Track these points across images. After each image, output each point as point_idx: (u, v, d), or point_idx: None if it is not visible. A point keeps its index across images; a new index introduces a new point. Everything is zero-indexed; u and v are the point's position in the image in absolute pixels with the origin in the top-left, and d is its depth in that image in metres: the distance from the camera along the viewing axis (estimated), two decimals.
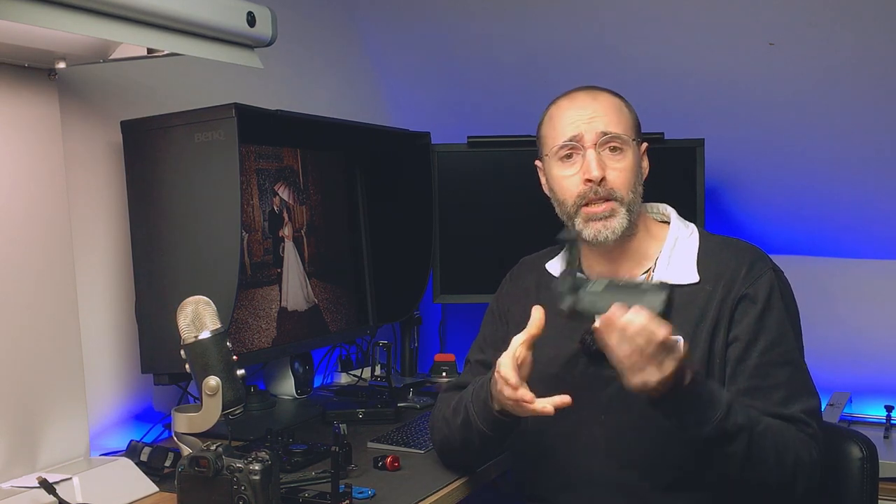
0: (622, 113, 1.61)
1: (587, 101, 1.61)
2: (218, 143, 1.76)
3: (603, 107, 1.60)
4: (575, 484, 1.60)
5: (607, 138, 1.57)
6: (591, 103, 1.60)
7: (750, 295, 1.55)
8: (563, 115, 1.62)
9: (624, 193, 1.57)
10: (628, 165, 1.58)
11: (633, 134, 1.61)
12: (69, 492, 1.50)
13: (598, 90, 1.64)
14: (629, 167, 1.58)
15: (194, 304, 1.45)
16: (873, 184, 2.49)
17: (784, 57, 2.31)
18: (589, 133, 1.57)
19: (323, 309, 2.35)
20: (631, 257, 1.64)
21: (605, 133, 1.57)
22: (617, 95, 1.65)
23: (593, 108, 1.60)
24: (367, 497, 1.58)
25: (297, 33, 2.46)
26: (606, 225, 1.57)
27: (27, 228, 1.61)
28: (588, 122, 1.58)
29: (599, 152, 1.57)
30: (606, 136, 1.57)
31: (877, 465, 1.69)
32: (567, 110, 1.62)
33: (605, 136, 1.57)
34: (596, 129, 1.57)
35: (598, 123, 1.58)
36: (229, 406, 1.43)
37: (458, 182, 2.55)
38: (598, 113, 1.59)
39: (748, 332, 1.53)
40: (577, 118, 1.59)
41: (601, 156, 1.57)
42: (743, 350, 1.53)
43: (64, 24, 1.28)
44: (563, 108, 1.63)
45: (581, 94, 1.63)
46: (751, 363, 1.52)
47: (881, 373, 2.63)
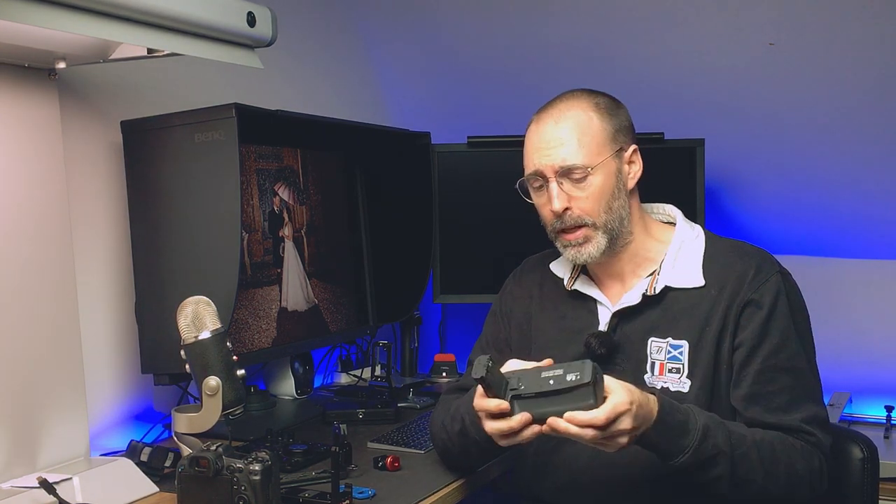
0: (587, 133, 1.56)
1: (549, 126, 1.58)
2: (218, 143, 1.76)
3: (564, 132, 1.56)
4: (576, 485, 1.60)
5: (565, 170, 1.55)
6: (552, 130, 1.57)
7: (755, 300, 1.54)
8: (529, 144, 1.61)
9: (594, 218, 1.56)
10: (594, 191, 1.56)
11: (603, 153, 1.56)
12: (69, 492, 1.50)
13: (568, 104, 1.59)
14: (595, 192, 1.56)
15: (194, 304, 1.45)
16: (873, 184, 2.49)
17: (784, 57, 2.31)
18: (547, 167, 1.56)
19: (323, 309, 2.35)
20: (631, 260, 1.64)
21: (563, 167, 1.55)
22: (590, 106, 1.58)
23: (553, 135, 1.56)
24: (367, 497, 1.58)
25: (297, 33, 2.46)
26: (581, 251, 1.58)
27: (27, 228, 1.61)
28: (547, 154, 1.56)
29: (561, 183, 1.56)
30: (563, 167, 1.55)
31: (877, 465, 1.69)
32: (532, 137, 1.60)
33: (563, 168, 1.55)
34: (553, 164, 1.55)
35: (555, 156, 1.55)
36: (229, 406, 1.43)
37: (458, 182, 2.55)
38: (556, 142, 1.56)
39: (753, 337, 1.52)
40: (537, 148, 1.58)
41: (563, 187, 1.56)
42: (746, 355, 1.52)
43: (64, 24, 1.28)
44: (530, 133, 1.61)
45: (545, 117, 1.59)
46: (753, 368, 1.52)
47: (881, 373, 2.63)
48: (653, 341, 1.58)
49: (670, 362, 1.56)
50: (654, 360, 1.57)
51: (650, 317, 1.59)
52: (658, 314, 1.59)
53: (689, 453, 1.39)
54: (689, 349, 1.55)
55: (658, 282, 1.59)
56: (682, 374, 1.55)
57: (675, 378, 1.55)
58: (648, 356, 1.57)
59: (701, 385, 1.53)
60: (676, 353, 1.56)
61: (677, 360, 1.56)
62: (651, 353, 1.58)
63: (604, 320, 1.63)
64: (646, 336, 1.59)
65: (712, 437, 1.41)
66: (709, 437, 1.40)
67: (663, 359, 1.57)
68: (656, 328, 1.58)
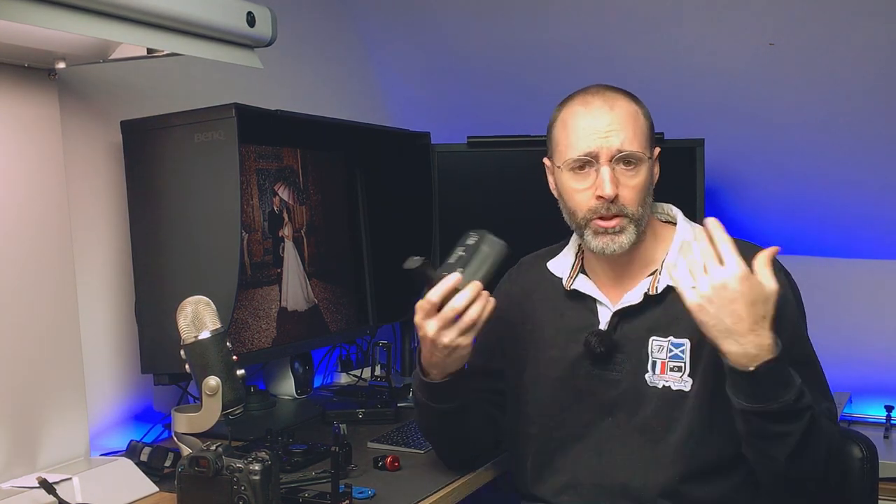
0: (638, 124, 1.56)
1: (604, 110, 1.55)
2: (218, 143, 1.76)
3: (620, 119, 1.54)
4: (577, 486, 1.60)
5: (623, 156, 1.53)
6: (608, 114, 1.54)
7: None
8: (578, 125, 1.56)
9: (634, 209, 1.55)
10: (641, 181, 1.55)
11: (648, 146, 1.57)
12: (69, 492, 1.51)
13: (616, 95, 1.58)
14: (641, 183, 1.55)
15: (194, 304, 1.44)
16: (873, 184, 2.49)
17: (784, 57, 2.31)
18: (605, 150, 1.53)
19: (323, 309, 2.35)
20: (636, 262, 1.63)
21: (622, 151, 1.53)
22: (633, 100, 1.59)
23: (609, 120, 1.54)
24: (367, 497, 1.58)
25: (297, 33, 2.46)
26: (614, 240, 1.55)
27: (27, 228, 1.61)
28: (604, 136, 1.53)
29: (613, 168, 1.53)
30: (622, 153, 1.53)
31: (877, 465, 1.68)
32: (582, 118, 1.56)
33: (620, 153, 1.53)
34: (612, 146, 1.52)
35: (614, 139, 1.53)
36: (229, 406, 1.43)
37: (458, 182, 2.54)
38: (615, 127, 1.53)
39: None
40: (592, 131, 1.54)
41: (615, 172, 1.53)
42: None
43: (64, 24, 1.28)
44: (577, 114, 1.57)
45: (597, 101, 1.56)
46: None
47: (881, 373, 2.63)
48: (654, 340, 1.58)
49: (672, 361, 1.56)
50: (656, 358, 1.57)
51: (651, 316, 1.59)
52: (659, 313, 1.59)
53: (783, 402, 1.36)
54: (690, 348, 1.55)
55: (660, 281, 1.59)
56: (683, 373, 1.55)
57: (676, 377, 1.55)
58: (650, 355, 1.57)
59: (703, 383, 1.53)
60: (678, 351, 1.56)
61: (679, 359, 1.55)
62: (652, 351, 1.58)
63: (604, 319, 1.63)
64: (647, 335, 1.59)
65: (807, 395, 1.39)
66: (805, 394, 1.39)
67: (665, 357, 1.57)
68: (657, 327, 1.58)
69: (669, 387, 1.54)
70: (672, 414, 1.53)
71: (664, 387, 1.55)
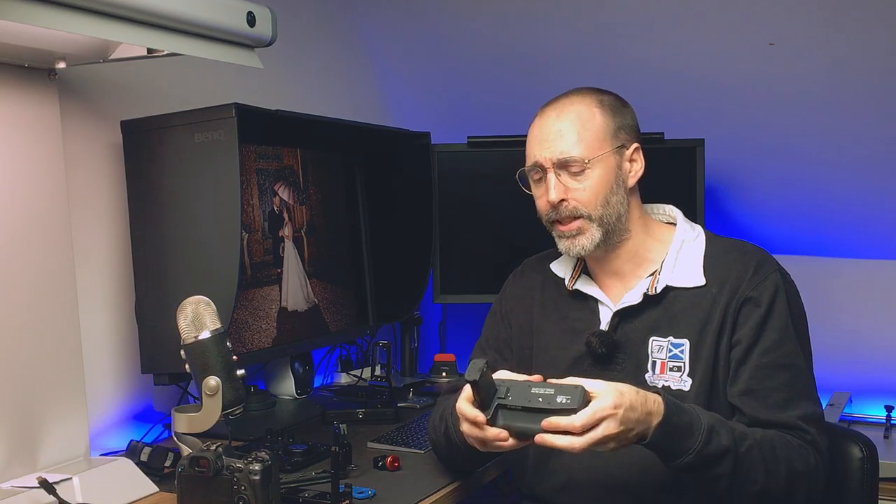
0: (588, 128, 1.58)
1: (551, 118, 1.60)
2: (218, 143, 1.76)
3: (565, 125, 1.58)
4: (575, 484, 1.60)
5: (562, 162, 1.57)
6: (554, 122, 1.59)
7: (754, 298, 1.54)
8: (531, 135, 1.63)
9: (591, 210, 1.58)
10: (592, 184, 1.57)
11: (603, 147, 1.58)
12: (69, 492, 1.50)
13: (571, 99, 1.61)
14: (592, 185, 1.57)
15: (194, 304, 1.44)
16: (873, 183, 2.49)
17: (784, 57, 2.31)
18: (546, 158, 1.58)
19: (323, 309, 2.35)
20: (630, 259, 1.64)
21: (560, 158, 1.57)
22: (594, 102, 1.60)
23: (554, 128, 1.58)
24: (367, 497, 1.58)
25: (296, 33, 2.46)
26: (574, 243, 1.60)
27: (27, 228, 1.61)
28: (547, 146, 1.58)
29: (559, 175, 1.58)
30: (562, 161, 1.57)
31: (877, 465, 1.68)
32: (533, 130, 1.63)
33: (560, 161, 1.57)
34: (553, 155, 1.57)
35: (555, 148, 1.57)
36: (229, 406, 1.43)
37: (458, 182, 2.55)
38: (557, 135, 1.58)
39: (750, 334, 1.53)
40: (539, 141, 1.60)
41: (561, 178, 1.58)
42: (744, 352, 1.53)
43: (64, 24, 1.28)
44: (533, 125, 1.64)
45: (549, 109, 1.62)
46: (750, 365, 1.52)
47: (881, 373, 2.63)
48: (654, 340, 1.58)
49: (671, 361, 1.56)
50: (655, 358, 1.58)
51: (651, 316, 1.60)
52: (659, 313, 1.59)
53: (692, 454, 1.39)
54: (689, 348, 1.55)
55: (659, 281, 1.59)
56: (682, 373, 1.55)
57: (676, 377, 1.55)
58: (649, 355, 1.58)
59: (701, 383, 1.53)
60: (677, 351, 1.56)
61: (678, 359, 1.56)
62: (652, 351, 1.58)
63: (605, 320, 1.63)
64: (647, 335, 1.59)
65: (717, 436, 1.40)
66: (713, 437, 1.40)
67: (664, 358, 1.57)
68: (657, 327, 1.58)
69: (669, 387, 1.55)
70: None
71: (664, 387, 1.55)
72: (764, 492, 1.44)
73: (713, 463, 1.41)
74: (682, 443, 1.39)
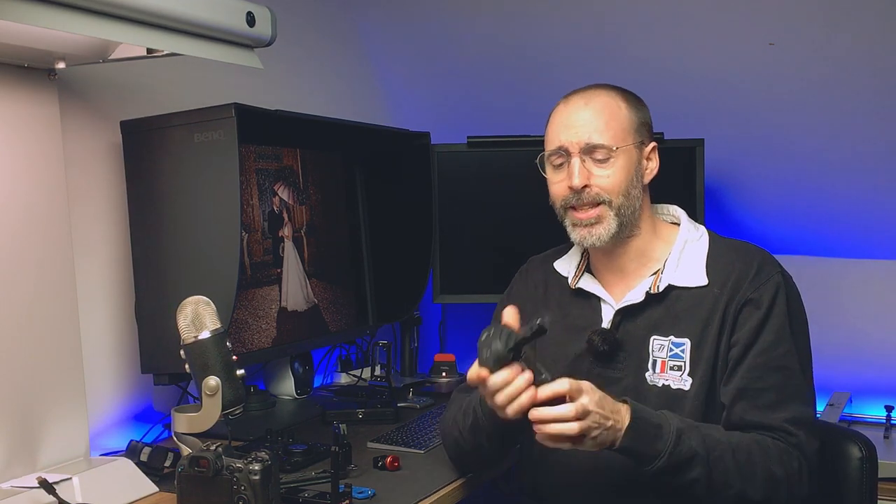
0: (615, 118, 1.59)
1: (579, 105, 1.60)
2: (218, 143, 1.76)
3: (593, 113, 1.59)
4: (577, 483, 1.60)
5: (590, 148, 1.57)
6: (582, 109, 1.60)
7: (754, 299, 1.55)
8: (556, 121, 1.63)
9: (613, 197, 1.58)
10: (616, 172, 1.57)
11: (627, 139, 1.59)
12: (69, 492, 1.51)
13: (599, 92, 1.62)
14: (617, 173, 1.58)
15: (194, 304, 1.45)
16: (873, 183, 2.49)
17: (784, 57, 2.31)
18: (574, 143, 1.58)
19: (323, 309, 2.35)
20: (635, 258, 1.64)
21: (589, 144, 1.57)
22: (619, 95, 1.63)
23: (582, 115, 1.59)
24: (367, 497, 1.58)
25: (296, 33, 2.46)
26: (591, 231, 1.59)
27: (27, 228, 1.61)
28: (575, 131, 1.58)
29: (584, 160, 1.58)
30: (590, 146, 1.57)
31: (876, 465, 1.69)
32: (559, 115, 1.63)
33: (588, 146, 1.57)
34: (581, 140, 1.58)
35: (583, 133, 1.57)
36: (229, 406, 1.43)
37: (458, 182, 2.55)
38: (585, 121, 1.58)
39: (748, 335, 1.53)
40: (565, 126, 1.60)
41: (586, 164, 1.58)
42: (741, 353, 1.53)
43: (64, 24, 1.28)
44: (557, 112, 1.64)
45: (575, 98, 1.63)
46: (745, 365, 1.52)
47: (881, 373, 2.63)
48: (655, 339, 1.59)
49: (672, 360, 1.56)
50: (656, 357, 1.58)
51: (653, 315, 1.60)
52: (661, 312, 1.59)
53: (664, 457, 1.40)
54: (690, 347, 1.55)
55: (662, 280, 1.60)
56: (683, 372, 1.55)
57: (676, 376, 1.55)
58: (650, 354, 1.58)
59: (701, 383, 1.54)
60: (678, 350, 1.56)
61: (679, 358, 1.56)
62: (653, 350, 1.58)
63: (607, 318, 1.63)
64: (648, 334, 1.59)
65: (687, 440, 1.42)
66: (683, 440, 1.41)
67: (665, 357, 1.57)
68: (659, 326, 1.58)
69: (669, 386, 1.55)
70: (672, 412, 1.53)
71: (664, 386, 1.55)
72: (741, 496, 1.45)
73: (685, 466, 1.42)
74: (651, 445, 1.40)
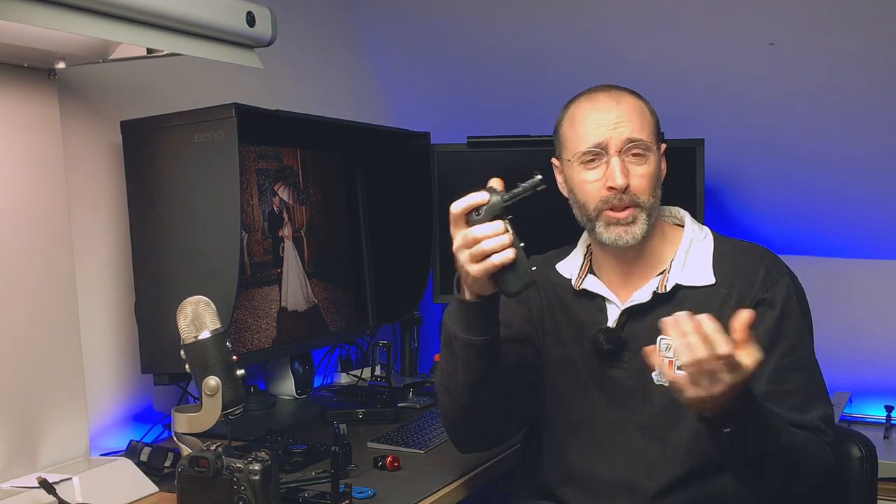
0: (644, 117, 1.59)
1: (610, 104, 1.58)
2: (218, 143, 1.76)
3: (627, 111, 1.57)
4: (580, 479, 1.61)
5: (632, 145, 1.55)
6: (615, 107, 1.57)
7: (767, 300, 1.54)
8: (586, 119, 1.58)
9: (646, 199, 1.56)
10: (651, 171, 1.56)
11: (654, 138, 1.59)
12: (69, 492, 1.51)
13: (620, 91, 1.61)
14: (651, 173, 1.57)
15: (194, 304, 1.44)
16: (872, 183, 2.49)
17: (784, 57, 2.31)
18: (614, 140, 1.55)
19: (323, 309, 2.35)
20: (646, 259, 1.63)
21: (631, 140, 1.55)
22: (639, 97, 1.62)
23: (617, 112, 1.56)
24: (367, 497, 1.58)
25: (296, 33, 2.46)
26: (628, 230, 1.56)
27: (27, 228, 1.61)
28: (613, 127, 1.55)
29: (623, 159, 1.55)
30: (632, 142, 1.55)
31: (876, 465, 1.69)
32: (590, 113, 1.58)
33: (630, 142, 1.55)
34: (621, 136, 1.55)
35: (623, 129, 1.55)
36: (229, 406, 1.43)
37: (458, 182, 2.53)
38: (623, 118, 1.56)
39: (766, 336, 1.51)
40: (600, 123, 1.56)
41: (625, 162, 1.55)
42: None
43: (64, 24, 1.28)
44: (585, 109, 1.60)
45: (603, 96, 1.59)
46: (768, 368, 1.50)
47: (881, 373, 2.63)
48: (661, 339, 1.57)
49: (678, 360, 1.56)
50: (664, 357, 1.57)
51: (660, 315, 1.58)
52: (667, 312, 1.57)
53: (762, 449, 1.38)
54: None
55: (669, 280, 1.59)
56: None
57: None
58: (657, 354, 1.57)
59: None
60: None
61: None
62: (660, 350, 1.57)
63: (612, 317, 1.63)
64: (655, 334, 1.58)
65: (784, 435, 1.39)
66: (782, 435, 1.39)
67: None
68: None
69: None
70: (677, 412, 1.53)
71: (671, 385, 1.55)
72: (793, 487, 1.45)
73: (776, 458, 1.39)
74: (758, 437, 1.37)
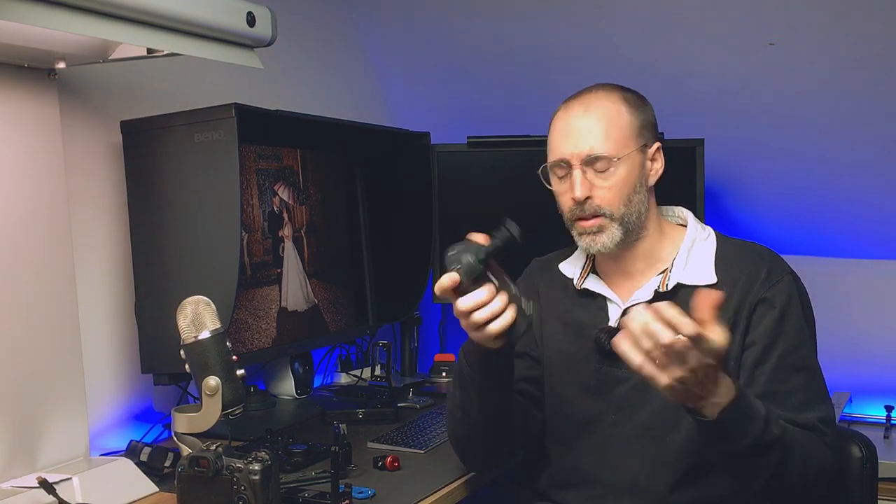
0: (616, 125, 1.57)
1: (578, 113, 1.58)
2: (218, 143, 1.76)
3: (593, 121, 1.56)
4: (580, 479, 1.61)
5: (590, 159, 1.55)
6: (581, 117, 1.57)
7: (768, 299, 1.54)
8: (556, 131, 1.61)
9: (613, 209, 1.56)
10: (617, 182, 1.56)
11: (629, 145, 1.57)
12: (69, 492, 1.51)
13: (597, 95, 1.59)
14: (618, 183, 1.56)
15: (194, 304, 1.44)
16: (872, 183, 2.50)
17: (784, 57, 2.31)
18: (575, 155, 1.56)
19: (323, 309, 2.35)
20: (643, 259, 1.63)
21: (591, 156, 1.55)
22: (619, 98, 1.59)
23: (582, 123, 1.56)
24: (367, 497, 1.58)
25: (296, 33, 2.46)
26: (595, 240, 1.58)
27: (27, 228, 1.61)
28: (574, 141, 1.56)
29: (584, 171, 1.56)
30: (590, 157, 1.55)
31: (876, 465, 1.69)
32: (559, 123, 1.60)
33: (589, 157, 1.55)
34: (581, 151, 1.55)
35: (582, 144, 1.55)
36: (229, 406, 1.43)
37: (458, 182, 2.55)
38: (586, 131, 1.56)
39: (766, 336, 1.52)
40: (565, 136, 1.58)
41: (587, 175, 1.56)
42: (760, 354, 1.52)
43: (64, 24, 1.28)
44: (558, 120, 1.61)
45: (575, 104, 1.60)
46: (768, 367, 1.51)
47: (881, 373, 2.63)
48: None
49: None
50: None
51: None
52: None
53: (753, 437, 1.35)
54: None
55: (670, 279, 1.59)
56: None
57: None
58: None
59: None
60: None
61: None
62: None
63: (614, 317, 1.63)
64: None
65: (773, 424, 1.38)
66: (770, 423, 1.38)
67: None
68: None
69: None
70: (676, 413, 1.53)
71: None
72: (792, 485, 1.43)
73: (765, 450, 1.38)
74: (744, 426, 1.35)
